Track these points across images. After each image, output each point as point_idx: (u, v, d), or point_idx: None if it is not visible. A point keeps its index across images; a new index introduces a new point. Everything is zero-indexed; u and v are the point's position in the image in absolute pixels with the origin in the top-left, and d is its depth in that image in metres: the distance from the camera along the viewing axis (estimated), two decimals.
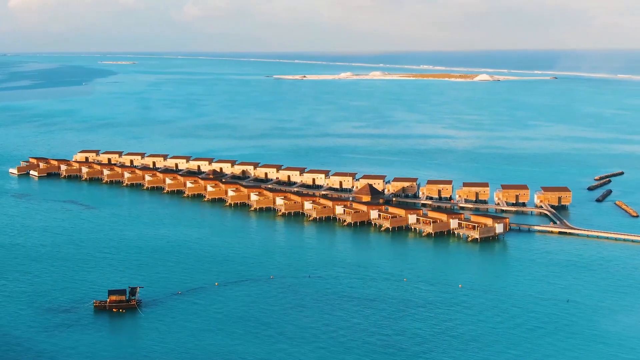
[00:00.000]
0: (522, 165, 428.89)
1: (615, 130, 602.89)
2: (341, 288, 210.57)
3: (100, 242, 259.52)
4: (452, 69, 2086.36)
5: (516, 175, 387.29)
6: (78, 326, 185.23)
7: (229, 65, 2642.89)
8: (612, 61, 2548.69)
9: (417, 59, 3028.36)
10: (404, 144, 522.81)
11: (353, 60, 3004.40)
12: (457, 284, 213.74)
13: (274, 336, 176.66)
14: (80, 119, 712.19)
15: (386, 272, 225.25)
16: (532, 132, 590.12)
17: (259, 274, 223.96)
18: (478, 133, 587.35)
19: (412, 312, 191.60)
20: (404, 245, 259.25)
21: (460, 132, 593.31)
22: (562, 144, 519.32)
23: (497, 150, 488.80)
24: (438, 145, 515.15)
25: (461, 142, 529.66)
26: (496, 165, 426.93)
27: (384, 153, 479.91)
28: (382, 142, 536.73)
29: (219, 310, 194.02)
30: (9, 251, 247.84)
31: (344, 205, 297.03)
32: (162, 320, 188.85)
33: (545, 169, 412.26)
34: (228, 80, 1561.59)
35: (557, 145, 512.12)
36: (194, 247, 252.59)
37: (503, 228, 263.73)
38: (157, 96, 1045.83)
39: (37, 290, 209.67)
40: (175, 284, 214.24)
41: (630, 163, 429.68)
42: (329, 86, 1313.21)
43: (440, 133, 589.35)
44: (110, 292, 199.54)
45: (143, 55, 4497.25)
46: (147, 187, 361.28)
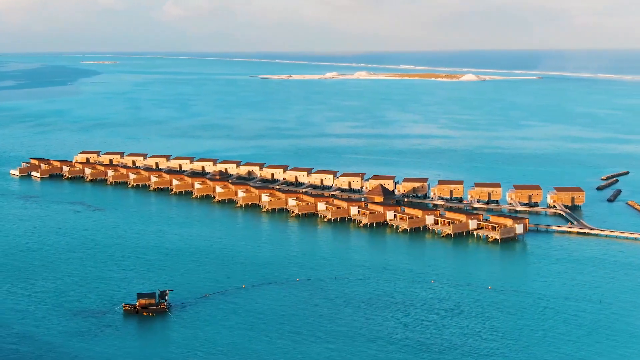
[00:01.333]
0: (525, 165, 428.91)
1: (612, 130, 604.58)
2: (370, 290, 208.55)
3: (119, 244, 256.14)
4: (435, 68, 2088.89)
5: (520, 175, 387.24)
6: (110, 330, 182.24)
7: (213, 65, 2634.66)
8: (595, 61, 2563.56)
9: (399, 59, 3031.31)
10: (404, 144, 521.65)
11: (335, 61, 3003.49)
12: (486, 286, 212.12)
13: (310, 339, 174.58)
14: (73, 119, 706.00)
15: (412, 273, 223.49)
16: (529, 132, 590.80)
17: (283, 277, 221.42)
18: (476, 133, 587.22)
19: (447, 313, 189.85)
20: (424, 247, 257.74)
21: (457, 132, 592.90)
22: (561, 143, 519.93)
23: (497, 150, 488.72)
24: (438, 145, 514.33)
25: (460, 142, 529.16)
26: (498, 165, 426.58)
27: (385, 153, 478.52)
28: (381, 142, 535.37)
29: (250, 313, 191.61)
30: (28, 254, 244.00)
31: (358, 206, 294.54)
32: (193, 323, 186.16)
33: (549, 169, 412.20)
34: (215, 80, 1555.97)
35: (556, 145, 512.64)
36: (214, 249, 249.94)
37: (523, 229, 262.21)
38: (145, 96, 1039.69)
39: (62, 293, 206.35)
40: (201, 287, 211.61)
41: (633, 163, 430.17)
42: (316, 86, 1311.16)
43: (438, 133, 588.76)
44: (139, 296, 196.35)
45: (124, 55, 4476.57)
46: (154, 189, 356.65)
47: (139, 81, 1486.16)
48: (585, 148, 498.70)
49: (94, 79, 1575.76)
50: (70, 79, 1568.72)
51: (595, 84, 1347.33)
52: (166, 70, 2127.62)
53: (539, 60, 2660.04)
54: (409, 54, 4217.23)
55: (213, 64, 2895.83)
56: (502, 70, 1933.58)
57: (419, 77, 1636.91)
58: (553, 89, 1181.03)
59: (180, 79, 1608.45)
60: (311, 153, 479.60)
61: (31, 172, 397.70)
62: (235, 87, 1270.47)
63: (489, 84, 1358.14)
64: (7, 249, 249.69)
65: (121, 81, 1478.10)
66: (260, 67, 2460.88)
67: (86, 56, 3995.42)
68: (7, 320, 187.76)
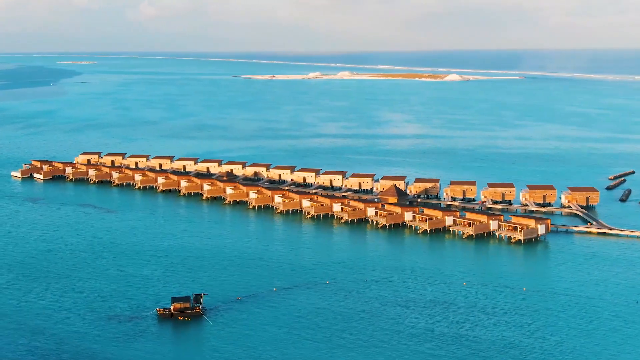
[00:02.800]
0: (528, 165, 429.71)
1: (608, 129, 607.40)
2: (403, 292, 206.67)
3: (140, 247, 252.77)
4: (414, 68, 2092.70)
5: (525, 175, 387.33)
6: (149, 335, 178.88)
7: (192, 65, 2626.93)
8: (573, 61, 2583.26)
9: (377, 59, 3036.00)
10: (403, 144, 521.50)
11: (311, 60, 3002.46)
12: (519, 287, 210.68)
13: (351, 343, 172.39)
14: (64, 120, 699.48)
15: (441, 275, 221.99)
16: (525, 132, 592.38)
17: (312, 279, 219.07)
18: (473, 133, 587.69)
19: (487, 316, 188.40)
20: (446, 248, 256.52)
21: (454, 132, 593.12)
22: (560, 143, 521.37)
23: (498, 150, 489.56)
24: (438, 146, 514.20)
25: (460, 142, 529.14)
26: (502, 165, 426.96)
27: (386, 154, 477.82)
28: (379, 142, 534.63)
29: (288, 317, 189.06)
30: (49, 258, 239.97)
31: (375, 207, 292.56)
32: (231, 327, 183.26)
33: (554, 169, 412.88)
34: (198, 80, 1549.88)
35: (556, 145, 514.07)
36: (238, 252, 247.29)
37: (545, 229, 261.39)
38: (131, 96, 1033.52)
39: (93, 298, 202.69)
40: (231, 290, 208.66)
41: (638, 162, 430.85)
42: (301, 86, 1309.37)
43: (435, 133, 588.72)
44: (173, 300, 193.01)
45: (100, 55, 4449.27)
46: (162, 190, 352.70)
47: (121, 81, 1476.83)
48: (586, 148, 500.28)
49: (75, 80, 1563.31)
50: (51, 79, 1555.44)
51: (577, 83, 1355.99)
52: (145, 71, 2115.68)
53: (518, 60, 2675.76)
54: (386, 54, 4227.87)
55: (191, 64, 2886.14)
56: (483, 70, 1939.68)
57: (402, 77, 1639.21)
58: (538, 89, 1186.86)
59: (163, 79, 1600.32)
60: (311, 153, 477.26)
61: (33, 174, 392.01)
62: (219, 88, 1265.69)
63: (473, 84, 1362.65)
64: (28, 253, 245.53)
65: (104, 81, 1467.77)
66: (239, 67, 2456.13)
67: (63, 56, 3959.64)
68: (41, 325, 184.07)
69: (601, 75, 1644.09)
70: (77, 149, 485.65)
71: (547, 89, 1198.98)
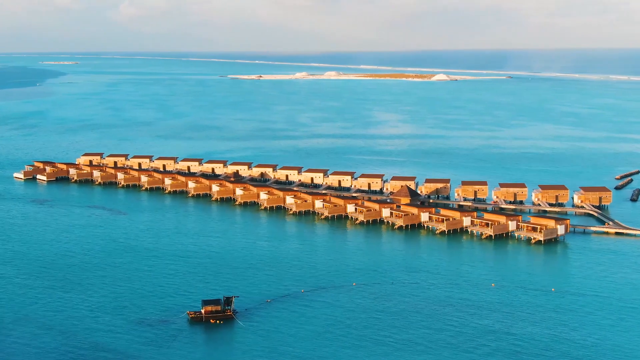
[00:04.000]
0: (532, 165, 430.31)
1: (603, 129, 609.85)
2: (433, 294, 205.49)
3: (160, 249, 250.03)
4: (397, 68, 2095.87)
5: (529, 175, 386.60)
6: (182, 338, 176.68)
7: (176, 65, 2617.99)
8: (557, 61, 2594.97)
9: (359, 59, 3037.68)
10: (403, 145, 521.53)
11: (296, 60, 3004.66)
12: (548, 288, 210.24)
13: (387, 345, 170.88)
14: (56, 120, 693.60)
15: (467, 276, 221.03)
16: (523, 132, 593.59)
17: (338, 281, 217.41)
18: (471, 132, 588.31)
19: (525, 316, 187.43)
20: (466, 249, 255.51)
21: (452, 132, 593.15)
22: (559, 143, 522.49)
23: (500, 150, 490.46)
24: (437, 145, 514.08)
25: (459, 142, 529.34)
26: (506, 165, 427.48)
27: (388, 154, 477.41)
28: (379, 142, 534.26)
29: (320, 319, 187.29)
30: (70, 260, 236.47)
31: (390, 208, 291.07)
32: (263, 329, 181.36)
33: (558, 169, 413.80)
34: (184, 80, 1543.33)
35: (555, 145, 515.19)
36: (260, 253, 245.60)
37: (564, 229, 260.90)
38: (121, 97, 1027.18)
39: (120, 301, 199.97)
40: (260, 292, 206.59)
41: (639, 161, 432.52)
42: (289, 86, 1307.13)
43: (433, 133, 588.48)
44: (204, 302, 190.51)
45: (81, 55, 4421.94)
46: (170, 191, 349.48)
47: (107, 81, 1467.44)
48: (586, 148, 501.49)
49: (61, 80, 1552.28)
50: (37, 79, 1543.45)
51: (564, 83, 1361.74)
52: (130, 71, 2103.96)
53: (503, 60, 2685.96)
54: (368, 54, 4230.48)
55: (174, 63, 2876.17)
56: (469, 70, 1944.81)
57: (389, 77, 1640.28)
58: (526, 89, 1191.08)
59: (149, 79, 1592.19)
60: (311, 154, 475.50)
61: (36, 175, 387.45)
62: (208, 88, 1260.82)
63: (462, 84, 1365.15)
64: (47, 256, 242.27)
65: (90, 82, 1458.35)
66: (224, 67, 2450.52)
67: (44, 56, 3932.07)
68: (73, 329, 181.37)
69: (586, 75, 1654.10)
70: (76, 149, 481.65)
71: (535, 88, 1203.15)
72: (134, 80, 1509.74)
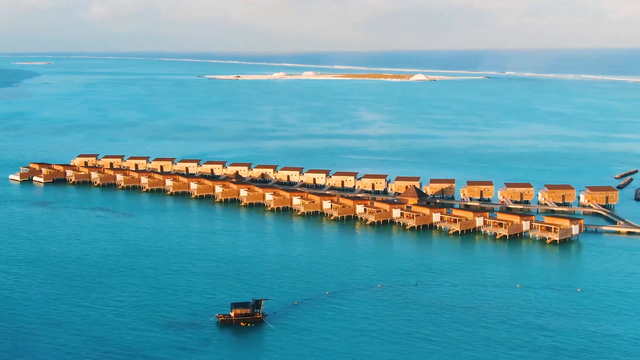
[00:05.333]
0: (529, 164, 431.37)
1: (592, 129, 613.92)
2: (461, 294, 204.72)
3: (178, 251, 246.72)
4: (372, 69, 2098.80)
5: (528, 175, 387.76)
6: (216, 342, 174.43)
7: (150, 65, 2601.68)
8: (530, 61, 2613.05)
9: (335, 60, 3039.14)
10: (397, 145, 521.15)
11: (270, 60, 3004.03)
12: (573, 288, 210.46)
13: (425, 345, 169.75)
14: (40, 121, 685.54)
15: (490, 277, 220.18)
16: (512, 132, 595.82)
17: (362, 283, 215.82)
18: (461, 133, 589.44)
19: (556, 316, 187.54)
20: (482, 249, 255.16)
21: (442, 132, 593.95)
22: (551, 143, 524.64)
23: (494, 150, 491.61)
24: (431, 146, 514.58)
25: (451, 142, 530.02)
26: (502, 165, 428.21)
27: (382, 154, 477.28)
28: (371, 142, 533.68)
29: (350, 320, 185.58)
30: (85, 263, 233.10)
31: (401, 208, 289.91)
32: (294, 332, 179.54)
33: (556, 168, 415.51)
34: (161, 80, 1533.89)
35: (547, 144, 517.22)
36: (277, 255, 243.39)
37: (578, 229, 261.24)
38: (101, 97, 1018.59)
39: (145, 304, 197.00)
40: (285, 295, 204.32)
41: (636, 160, 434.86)
42: (269, 86, 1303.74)
43: (423, 133, 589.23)
44: (234, 305, 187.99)
45: (52, 55, 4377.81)
46: (172, 193, 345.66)
47: (84, 82, 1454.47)
48: (579, 147, 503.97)
49: (36, 80, 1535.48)
50: (12, 80, 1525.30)
51: (541, 83, 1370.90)
52: (105, 71, 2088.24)
53: (478, 60, 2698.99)
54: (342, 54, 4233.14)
55: (149, 64, 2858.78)
56: (446, 70, 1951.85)
57: (368, 77, 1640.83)
58: (505, 89, 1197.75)
59: (126, 79, 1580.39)
60: (306, 154, 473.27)
61: (32, 177, 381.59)
62: (186, 88, 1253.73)
63: (440, 84, 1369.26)
64: (62, 259, 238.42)
65: (66, 82, 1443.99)
66: (199, 67, 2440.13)
67: (15, 57, 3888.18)
68: (102, 333, 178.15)
69: (561, 75, 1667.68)
70: (69, 151, 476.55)
71: (513, 88, 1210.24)
72: (110, 81, 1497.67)
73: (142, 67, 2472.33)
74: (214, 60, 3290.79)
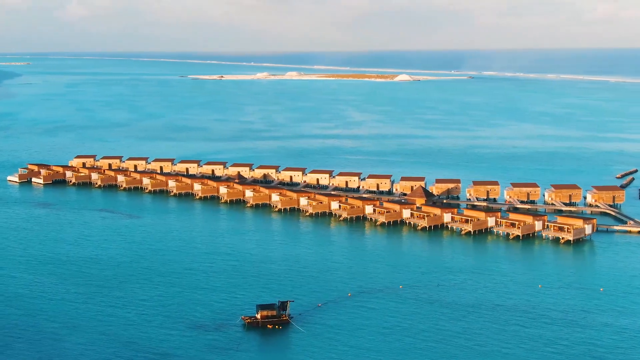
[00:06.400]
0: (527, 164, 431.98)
1: (584, 129, 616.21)
2: (485, 296, 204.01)
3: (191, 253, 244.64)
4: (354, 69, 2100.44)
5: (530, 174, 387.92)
6: (246, 345, 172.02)
7: (131, 66, 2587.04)
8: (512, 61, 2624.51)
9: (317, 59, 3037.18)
10: (392, 145, 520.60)
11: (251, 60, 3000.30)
12: (595, 288, 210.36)
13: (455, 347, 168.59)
14: (28, 122, 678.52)
15: (511, 277, 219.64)
16: (505, 132, 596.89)
17: (382, 284, 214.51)
18: (454, 133, 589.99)
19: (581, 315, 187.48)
20: (496, 249, 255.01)
21: (435, 132, 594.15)
22: (546, 142, 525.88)
23: (491, 150, 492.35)
24: (428, 146, 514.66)
25: (446, 142, 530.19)
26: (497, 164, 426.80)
27: (379, 154, 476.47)
28: (366, 143, 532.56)
29: (377, 321, 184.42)
30: (101, 265, 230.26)
31: (411, 209, 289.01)
32: (324, 334, 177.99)
33: (555, 168, 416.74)
34: (145, 80, 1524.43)
35: (542, 144, 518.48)
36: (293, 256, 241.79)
37: (591, 229, 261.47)
38: (86, 98, 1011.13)
39: (167, 306, 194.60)
40: (308, 296, 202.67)
41: (634, 160, 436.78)
42: (254, 86, 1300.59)
43: (416, 133, 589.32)
44: (260, 307, 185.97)
45: (30, 55, 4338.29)
46: (176, 194, 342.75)
47: (67, 82, 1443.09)
48: (574, 147, 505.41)
49: (17, 81, 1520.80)
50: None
51: (524, 83, 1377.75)
52: (85, 71, 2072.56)
53: (460, 60, 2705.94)
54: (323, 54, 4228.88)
55: (129, 64, 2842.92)
56: (429, 70, 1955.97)
57: (352, 77, 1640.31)
58: (491, 89, 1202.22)
59: (109, 79, 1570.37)
60: (303, 154, 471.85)
61: (31, 178, 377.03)
62: (171, 88, 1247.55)
63: (425, 84, 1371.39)
64: (76, 261, 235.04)
65: (48, 82, 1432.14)
66: (181, 67, 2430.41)
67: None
68: (129, 336, 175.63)
69: (541, 75, 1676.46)
70: (64, 151, 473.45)
71: (498, 88, 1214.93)
72: (93, 81, 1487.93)
73: (123, 67, 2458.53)
74: (194, 60, 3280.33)
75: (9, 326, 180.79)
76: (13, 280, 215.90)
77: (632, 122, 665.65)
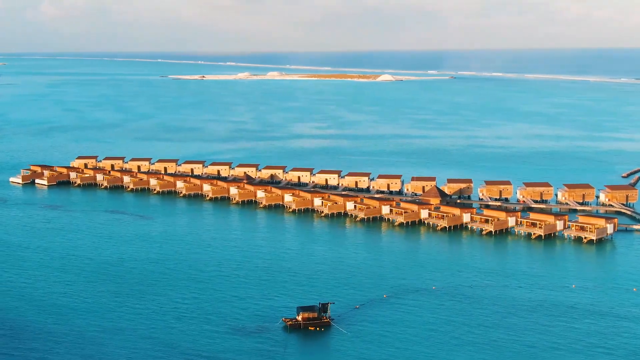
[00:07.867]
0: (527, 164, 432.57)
1: (578, 128, 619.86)
2: (520, 296, 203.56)
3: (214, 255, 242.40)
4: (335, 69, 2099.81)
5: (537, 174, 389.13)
6: (291, 347, 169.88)
7: (109, 66, 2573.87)
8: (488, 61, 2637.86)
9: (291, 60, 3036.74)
10: (390, 145, 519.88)
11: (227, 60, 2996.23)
12: (628, 287, 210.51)
13: (498, 348, 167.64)
14: (18, 123, 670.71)
15: (543, 277, 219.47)
16: (502, 131, 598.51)
17: (415, 285, 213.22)
18: (449, 133, 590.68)
19: (627, 309, 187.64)
20: (521, 249, 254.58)
21: (431, 132, 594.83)
22: (543, 142, 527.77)
23: (490, 150, 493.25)
24: (425, 146, 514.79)
25: (443, 142, 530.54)
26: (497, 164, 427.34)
27: (379, 154, 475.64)
28: (364, 143, 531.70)
29: (417, 322, 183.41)
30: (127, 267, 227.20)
31: (429, 209, 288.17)
32: (367, 336, 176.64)
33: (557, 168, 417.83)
34: (127, 80, 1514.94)
35: (541, 144, 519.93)
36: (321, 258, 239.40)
37: (613, 228, 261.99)
38: (71, 98, 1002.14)
39: (203, 309, 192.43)
40: (344, 298, 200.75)
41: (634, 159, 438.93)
42: (237, 86, 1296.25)
43: (412, 133, 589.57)
44: (301, 309, 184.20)
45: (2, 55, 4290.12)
46: (185, 195, 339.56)
47: (47, 82, 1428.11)
48: (573, 146, 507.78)
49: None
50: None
51: (506, 83, 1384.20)
52: (65, 71, 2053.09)
53: (439, 60, 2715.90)
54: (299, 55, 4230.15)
55: (106, 64, 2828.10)
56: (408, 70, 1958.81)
57: (334, 77, 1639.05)
58: (474, 88, 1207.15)
59: (89, 80, 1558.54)
60: (304, 154, 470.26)
61: (35, 180, 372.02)
62: (155, 88, 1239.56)
63: (408, 84, 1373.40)
64: (100, 263, 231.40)
65: (29, 83, 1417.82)
66: (159, 67, 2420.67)
67: None
68: (171, 339, 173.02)
69: (521, 75, 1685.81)
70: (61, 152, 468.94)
71: (482, 88, 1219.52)
72: (74, 81, 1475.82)
73: (100, 67, 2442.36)
74: (171, 60, 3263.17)
75: (50, 331, 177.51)
76: (44, 284, 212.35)
77: (626, 122, 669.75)
